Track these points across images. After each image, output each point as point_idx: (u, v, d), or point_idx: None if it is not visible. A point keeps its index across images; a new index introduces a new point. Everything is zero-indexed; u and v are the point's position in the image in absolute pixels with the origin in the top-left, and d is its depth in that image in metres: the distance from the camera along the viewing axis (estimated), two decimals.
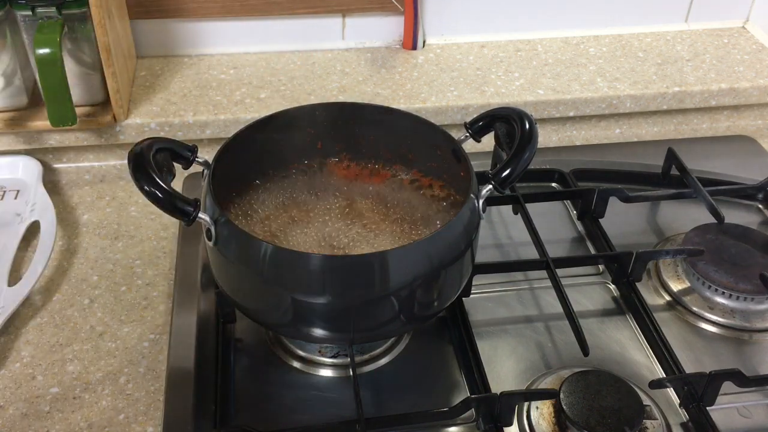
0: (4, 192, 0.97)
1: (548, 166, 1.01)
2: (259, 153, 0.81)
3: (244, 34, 1.13)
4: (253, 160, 0.81)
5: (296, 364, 0.78)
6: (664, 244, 0.93)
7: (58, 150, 1.01)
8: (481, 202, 0.72)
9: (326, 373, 0.77)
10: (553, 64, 1.14)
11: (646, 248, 0.88)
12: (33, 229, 0.91)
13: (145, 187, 0.66)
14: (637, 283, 0.85)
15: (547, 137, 1.12)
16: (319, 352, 0.78)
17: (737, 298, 0.83)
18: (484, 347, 0.78)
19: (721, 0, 1.22)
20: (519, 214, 0.93)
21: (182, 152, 0.73)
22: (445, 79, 1.09)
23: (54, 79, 0.88)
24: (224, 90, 1.06)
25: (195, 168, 0.75)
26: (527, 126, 0.73)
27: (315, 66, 1.12)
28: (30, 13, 0.89)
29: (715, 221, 0.91)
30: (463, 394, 0.75)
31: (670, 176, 1.00)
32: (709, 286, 0.84)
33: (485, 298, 0.85)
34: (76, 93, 0.95)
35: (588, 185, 0.97)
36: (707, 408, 0.72)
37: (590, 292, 0.87)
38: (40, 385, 0.76)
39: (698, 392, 0.73)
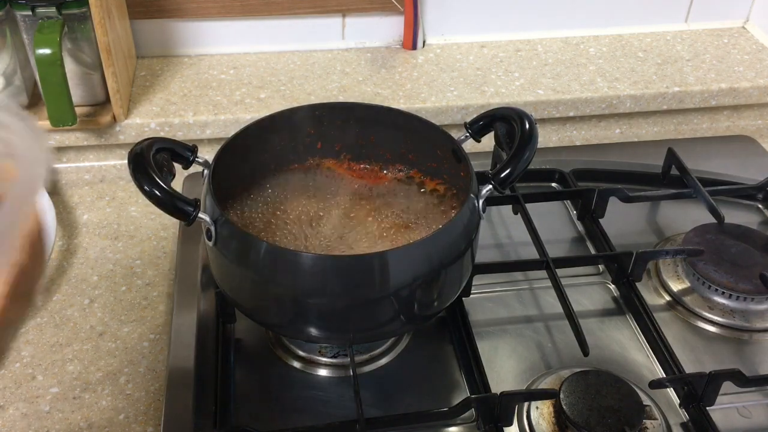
0: None
1: (548, 166, 1.01)
2: (259, 153, 0.81)
3: (244, 34, 1.13)
4: (253, 160, 0.81)
5: (296, 364, 0.78)
6: (664, 244, 0.93)
7: (58, 150, 1.01)
8: (481, 202, 0.72)
9: (326, 373, 0.77)
10: (553, 64, 1.14)
11: (646, 248, 0.88)
12: None
13: (145, 187, 0.66)
14: (637, 283, 0.85)
15: (547, 137, 1.12)
16: (319, 352, 0.78)
17: (737, 298, 0.83)
18: (484, 347, 0.78)
19: (721, 0, 1.22)
20: (519, 214, 0.93)
21: (182, 152, 0.73)
22: (445, 79, 1.09)
23: (54, 79, 0.88)
24: (224, 90, 1.06)
25: (195, 168, 0.75)
26: (527, 126, 0.73)
27: (315, 66, 1.12)
28: (30, 13, 0.89)
29: (715, 221, 0.91)
30: (463, 394, 0.75)
31: (670, 176, 1.00)
32: (709, 286, 0.84)
33: (485, 298, 0.85)
34: (76, 93, 0.95)
35: (588, 185, 0.97)
36: (707, 408, 0.72)
37: (590, 292, 0.87)
38: (40, 385, 0.76)
39: (698, 392, 0.73)
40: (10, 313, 0.50)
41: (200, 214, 0.67)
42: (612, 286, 0.87)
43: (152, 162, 0.67)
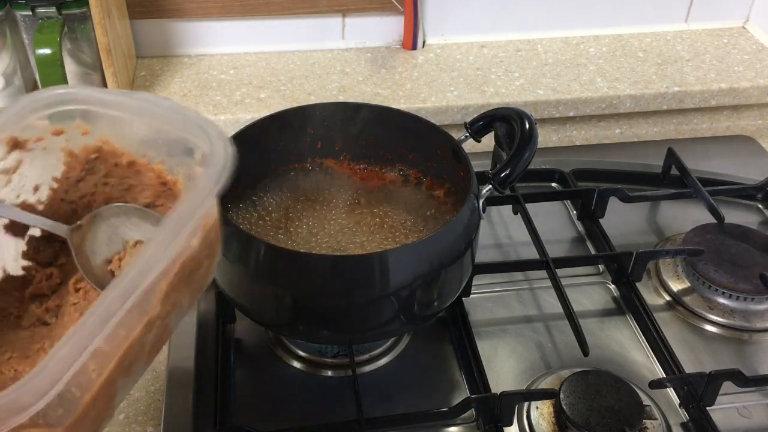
0: None
1: (548, 166, 1.01)
2: (259, 153, 0.81)
3: (244, 34, 1.13)
4: (253, 160, 0.81)
5: (296, 364, 0.78)
6: (664, 244, 0.93)
7: None
8: (481, 202, 0.72)
9: (326, 373, 0.77)
10: (553, 64, 1.14)
11: (646, 248, 0.88)
12: None
13: None
14: (637, 283, 0.85)
15: (547, 137, 1.12)
16: (320, 352, 0.78)
17: (737, 298, 0.83)
18: (484, 347, 0.78)
19: (721, 0, 1.22)
20: (519, 214, 0.93)
21: None
22: (445, 79, 1.09)
23: (54, 79, 0.88)
24: (224, 90, 1.06)
25: None
26: (527, 126, 0.73)
27: (315, 66, 1.12)
28: (30, 13, 0.89)
29: (715, 221, 0.91)
30: (463, 394, 0.75)
31: (670, 176, 1.00)
32: (709, 286, 0.84)
33: (485, 298, 0.85)
34: None
35: (588, 185, 0.97)
36: (707, 408, 0.72)
37: (590, 292, 0.87)
38: None
39: (698, 392, 0.73)
40: (180, 296, 0.51)
41: None
42: (612, 286, 0.87)
43: None
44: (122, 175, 0.60)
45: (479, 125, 0.79)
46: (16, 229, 0.59)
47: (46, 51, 0.86)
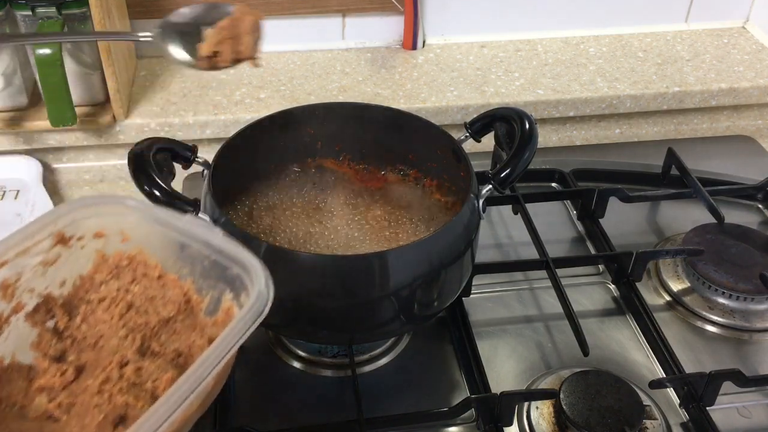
0: (4, 192, 0.97)
1: (548, 166, 1.01)
2: (259, 153, 0.81)
3: None
4: (253, 160, 0.81)
5: (296, 364, 0.78)
6: (664, 244, 0.93)
7: (58, 150, 1.01)
8: (481, 202, 0.72)
9: (326, 373, 0.77)
10: (553, 64, 1.14)
11: (646, 248, 0.88)
12: None
13: (145, 187, 0.66)
14: (637, 283, 0.85)
15: (547, 137, 1.12)
16: (320, 352, 0.78)
17: (737, 298, 0.83)
18: (484, 347, 0.78)
19: (721, 0, 1.22)
20: (519, 214, 0.93)
21: (182, 152, 0.73)
22: (445, 79, 1.09)
23: (54, 79, 0.88)
24: (224, 90, 1.06)
25: (195, 168, 0.75)
26: (527, 126, 0.73)
27: (315, 66, 1.12)
28: (30, 13, 0.89)
29: (715, 221, 0.91)
30: (463, 394, 0.75)
31: (670, 176, 1.00)
32: (709, 286, 0.84)
33: (485, 298, 0.85)
34: (76, 93, 0.95)
35: (588, 185, 0.97)
36: (707, 408, 0.72)
37: (590, 292, 0.87)
38: None
39: (698, 392, 0.73)
40: (208, 399, 0.57)
41: (200, 214, 0.67)
42: (612, 286, 0.87)
43: (152, 162, 0.67)
44: (148, 285, 0.63)
45: (479, 125, 0.79)
46: (36, 317, 0.61)
47: (46, 51, 0.86)
